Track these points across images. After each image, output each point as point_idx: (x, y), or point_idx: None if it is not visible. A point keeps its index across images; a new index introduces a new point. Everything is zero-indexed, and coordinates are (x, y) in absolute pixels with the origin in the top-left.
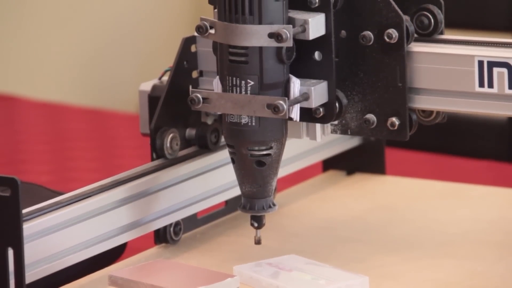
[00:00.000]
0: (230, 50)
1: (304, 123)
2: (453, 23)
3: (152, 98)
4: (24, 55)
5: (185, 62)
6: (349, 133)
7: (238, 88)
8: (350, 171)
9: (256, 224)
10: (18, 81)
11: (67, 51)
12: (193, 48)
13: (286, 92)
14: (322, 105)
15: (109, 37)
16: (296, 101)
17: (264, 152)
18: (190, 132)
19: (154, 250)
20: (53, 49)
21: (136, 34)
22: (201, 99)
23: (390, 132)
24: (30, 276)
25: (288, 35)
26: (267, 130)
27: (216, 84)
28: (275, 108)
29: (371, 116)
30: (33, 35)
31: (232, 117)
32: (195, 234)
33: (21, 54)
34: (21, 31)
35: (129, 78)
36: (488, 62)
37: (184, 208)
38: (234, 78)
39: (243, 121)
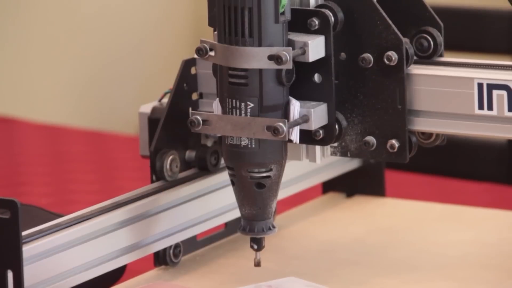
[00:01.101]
0: (230, 72)
1: (304, 145)
2: (453, 45)
3: (152, 120)
4: (24, 77)
5: (185, 84)
6: (348, 155)
7: (238, 110)
8: (350, 193)
9: (255, 246)
10: (17, 103)
11: (67, 73)
12: (193, 70)
13: (286, 114)
14: (322, 127)
15: (109, 59)
16: (296, 123)
17: (264, 174)
18: (190, 154)
19: (154, 272)
20: (52, 71)
21: (136, 56)
22: (201, 121)
23: (390, 154)
24: None
25: (288, 57)
26: (266, 152)
27: (216, 106)
28: (274, 130)
29: (370, 138)
30: (33, 57)
31: (231, 139)
32: (194, 256)
33: (21, 76)
34: (21, 52)
35: (129, 100)
36: (488, 85)
37: (183, 230)
38: (234, 100)
39: (242, 143)
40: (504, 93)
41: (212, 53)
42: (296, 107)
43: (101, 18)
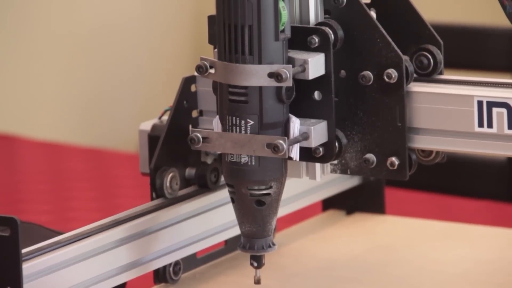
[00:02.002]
0: (230, 89)
1: (304, 163)
2: (453, 63)
3: (152, 138)
4: (24, 95)
5: (185, 102)
6: (348, 172)
7: (237, 128)
8: (350, 211)
9: (255, 264)
10: (17, 121)
11: (67, 90)
12: (193, 88)
13: (285, 132)
14: (322, 145)
15: (109, 77)
16: (296, 140)
17: (264, 192)
18: (190, 171)
19: None
20: (52, 88)
21: (136, 74)
22: (201, 139)
23: (390, 172)
24: None
25: (288, 75)
26: (266, 169)
27: (216, 124)
28: (274, 148)
29: (370, 156)
30: (33, 75)
31: (231, 157)
32: (194, 273)
33: (20, 93)
34: (21, 70)
35: (129, 118)
36: (488, 102)
37: (183, 248)
38: (234, 118)
39: (242, 160)
40: (504, 110)
41: (212, 71)
42: (296, 125)
43: (101, 36)
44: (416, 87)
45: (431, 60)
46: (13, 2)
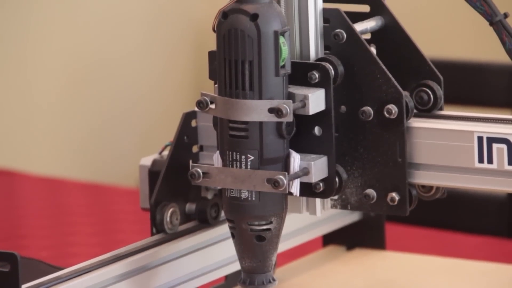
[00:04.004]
0: (230, 125)
1: (304, 198)
2: (453, 99)
3: (152, 173)
4: (24, 130)
5: (185, 137)
6: (349, 208)
7: (238, 163)
8: (350, 246)
9: None
10: (17, 156)
11: (67, 125)
12: (193, 123)
13: (286, 167)
14: (322, 180)
15: (109, 111)
16: (296, 176)
17: (264, 227)
18: (190, 206)
19: None
20: (52, 123)
21: (137, 109)
22: (201, 174)
23: (390, 207)
24: None
25: (288, 110)
26: (267, 204)
27: (216, 159)
28: (275, 183)
29: (371, 191)
30: (32, 110)
31: (232, 192)
32: None
33: (20, 128)
34: (21, 105)
35: (130, 153)
36: (488, 138)
37: (184, 283)
38: (234, 153)
39: (243, 195)
40: (504, 146)
41: (212, 106)
42: (296, 160)
43: (101, 71)
44: (416, 123)
45: (431, 96)
46: (14, 35)
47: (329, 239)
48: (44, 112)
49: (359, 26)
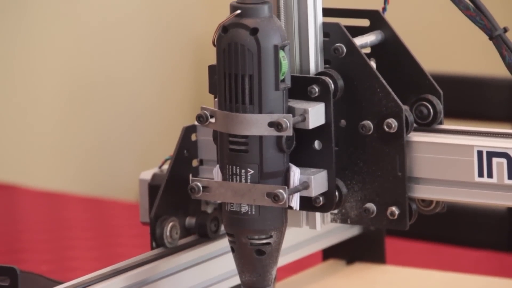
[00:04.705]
0: (230, 139)
1: (304, 212)
2: (453, 113)
3: (152, 187)
4: (24, 144)
5: (185, 151)
6: (349, 222)
7: (238, 177)
8: (350, 260)
9: None
10: (17, 170)
11: (67, 139)
12: (193, 137)
13: (286, 181)
14: (322, 194)
15: (109, 126)
16: (296, 190)
17: (264, 241)
18: (190, 220)
19: None
20: (52, 137)
21: (136, 123)
22: (201, 188)
23: (390, 221)
24: None
25: (288, 124)
26: (267, 219)
27: (216, 173)
28: (275, 197)
29: (370, 205)
30: (32, 124)
31: (232, 206)
32: None
33: (20, 143)
34: (21, 119)
35: (129, 167)
36: (488, 152)
37: None
38: (234, 167)
39: (243, 209)
40: (503, 160)
41: (212, 120)
42: (296, 174)
43: (101, 85)
44: (416, 137)
45: (431, 110)
46: (16, 50)
47: (329, 253)
48: (44, 126)
49: (359, 40)
